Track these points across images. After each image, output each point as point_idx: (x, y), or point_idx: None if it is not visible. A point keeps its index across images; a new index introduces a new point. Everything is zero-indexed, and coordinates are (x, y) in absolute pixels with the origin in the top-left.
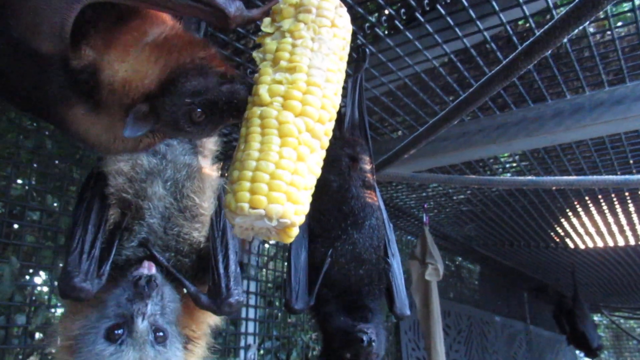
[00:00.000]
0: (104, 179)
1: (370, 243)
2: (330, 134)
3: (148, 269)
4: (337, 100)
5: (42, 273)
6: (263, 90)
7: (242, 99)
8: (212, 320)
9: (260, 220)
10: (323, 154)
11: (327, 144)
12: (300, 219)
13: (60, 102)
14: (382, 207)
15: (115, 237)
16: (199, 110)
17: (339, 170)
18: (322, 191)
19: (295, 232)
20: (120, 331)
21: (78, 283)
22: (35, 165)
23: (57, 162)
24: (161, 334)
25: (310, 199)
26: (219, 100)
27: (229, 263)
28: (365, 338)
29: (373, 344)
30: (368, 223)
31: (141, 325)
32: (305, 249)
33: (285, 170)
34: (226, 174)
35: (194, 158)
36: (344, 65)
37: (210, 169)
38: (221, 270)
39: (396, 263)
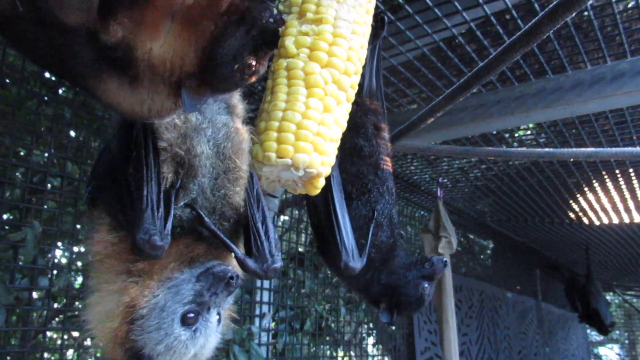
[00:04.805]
0: (154, 132)
1: (395, 208)
2: (356, 87)
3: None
4: (363, 54)
5: (62, 238)
6: (289, 42)
7: (273, 31)
8: None
9: (287, 170)
10: (349, 107)
11: (352, 97)
12: (327, 169)
13: (91, 76)
14: None
15: (170, 196)
16: (250, 65)
17: (366, 137)
18: (354, 154)
19: (321, 183)
20: (192, 315)
21: (158, 241)
22: (52, 133)
23: (72, 133)
24: (219, 317)
25: (336, 152)
26: (256, 46)
27: (268, 229)
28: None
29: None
30: (393, 189)
31: (215, 315)
32: (347, 212)
33: (312, 121)
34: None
35: (230, 118)
36: (370, 19)
37: (244, 130)
38: (263, 236)
39: None
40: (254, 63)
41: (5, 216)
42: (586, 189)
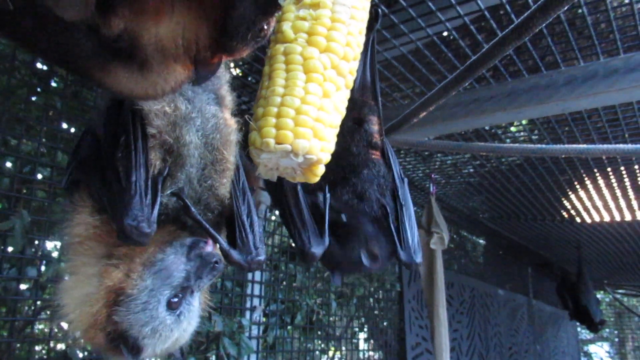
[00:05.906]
0: (143, 118)
1: (371, 187)
2: (355, 73)
3: (212, 247)
4: (362, 39)
5: (52, 228)
6: (287, 27)
7: None
8: None
9: (286, 157)
10: (348, 93)
11: (351, 84)
12: (327, 156)
13: (97, 68)
14: (394, 164)
15: (157, 183)
16: (262, 28)
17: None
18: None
19: (321, 170)
20: (176, 300)
21: (145, 228)
22: (43, 123)
23: (65, 125)
24: (198, 300)
25: (335, 139)
26: (264, 6)
27: (253, 222)
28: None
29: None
30: (367, 172)
31: (197, 298)
32: (302, 195)
33: (311, 106)
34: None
35: (219, 109)
36: (368, 4)
37: (232, 122)
38: (248, 229)
39: (407, 212)
40: (265, 26)
41: None
42: (578, 186)
